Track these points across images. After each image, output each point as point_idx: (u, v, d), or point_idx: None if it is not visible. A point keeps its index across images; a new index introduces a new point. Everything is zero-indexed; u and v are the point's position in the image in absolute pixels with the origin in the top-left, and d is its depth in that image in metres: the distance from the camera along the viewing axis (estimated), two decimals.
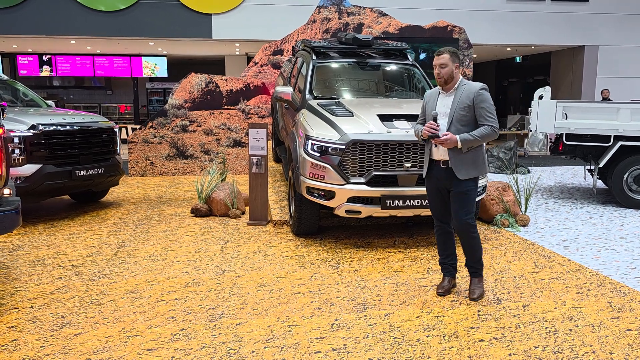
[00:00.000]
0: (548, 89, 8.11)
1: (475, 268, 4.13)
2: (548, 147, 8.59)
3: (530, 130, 8.21)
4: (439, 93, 4.07)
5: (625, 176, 7.63)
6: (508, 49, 17.35)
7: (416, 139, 5.02)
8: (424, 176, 4.15)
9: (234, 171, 10.47)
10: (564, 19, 15.35)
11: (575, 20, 15.43)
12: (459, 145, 3.84)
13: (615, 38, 15.74)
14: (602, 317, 3.75)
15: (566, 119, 7.80)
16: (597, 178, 8.13)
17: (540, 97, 8.01)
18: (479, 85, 3.97)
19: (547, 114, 7.85)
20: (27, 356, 3.15)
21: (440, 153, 3.98)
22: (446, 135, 3.84)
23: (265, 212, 6.44)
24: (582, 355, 3.20)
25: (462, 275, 4.53)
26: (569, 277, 4.59)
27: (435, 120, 3.91)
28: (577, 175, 10.99)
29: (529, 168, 11.63)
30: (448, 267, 4.24)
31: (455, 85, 3.98)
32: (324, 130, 5.29)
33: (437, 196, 4.12)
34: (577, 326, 3.59)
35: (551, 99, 8.02)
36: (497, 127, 3.91)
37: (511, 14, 15.04)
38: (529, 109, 8.25)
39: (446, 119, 3.94)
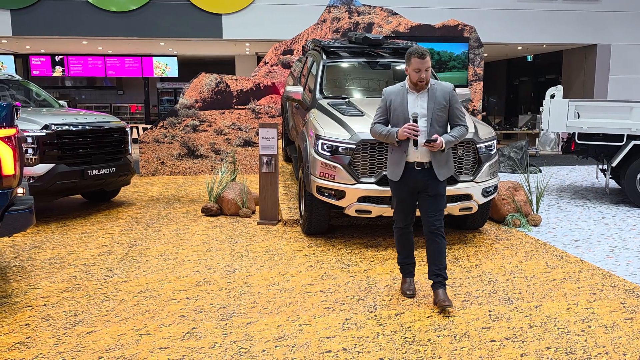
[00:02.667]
0: (560, 87, 8.05)
1: (443, 277, 3.90)
2: (560, 146, 8.53)
3: (542, 130, 8.15)
4: (407, 92, 3.89)
5: (639, 176, 7.55)
6: (519, 47, 17.23)
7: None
8: (395, 180, 3.92)
9: (244, 171, 10.50)
10: (576, 17, 15.21)
11: (587, 19, 15.28)
12: (444, 147, 3.79)
13: (628, 36, 15.57)
14: (615, 317, 3.71)
15: (578, 118, 7.74)
16: (610, 178, 8.05)
17: (552, 96, 7.95)
18: (450, 84, 3.96)
19: (559, 113, 7.79)
20: (41, 353, 3.18)
21: (417, 155, 3.84)
22: (437, 138, 3.74)
23: (275, 212, 6.45)
24: (595, 356, 3.17)
25: (466, 276, 4.52)
26: (582, 277, 4.55)
27: (415, 121, 3.78)
28: (590, 174, 10.89)
29: (541, 167, 11.55)
30: (409, 267, 4.18)
31: (428, 85, 3.88)
32: (335, 129, 5.29)
33: (408, 200, 3.98)
34: (590, 327, 3.57)
35: (563, 98, 7.96)
36: (468, 126, 4.01)
37: (522, 13, 14.93)
38: (541, 108, 8.20)
39: (424, 120, 3.83)
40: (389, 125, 3.96)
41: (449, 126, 3.95)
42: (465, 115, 3.98)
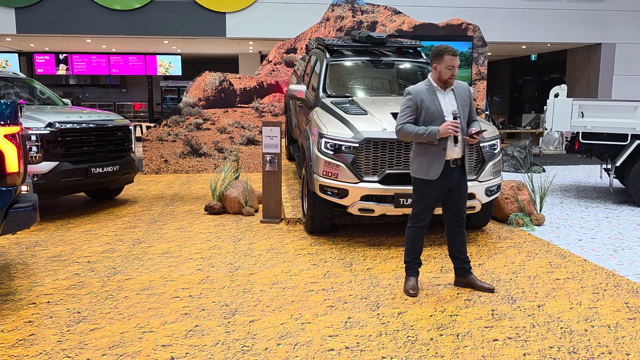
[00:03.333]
0: (564, 87, 8.03)
1: (468, 262, 4.21)
2: (564, 145, 8.51)
3: (546, 129, 8.13)
4: (435, 91, 3.96)
5: None
6: (523, 46, 17.18)
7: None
8: (433, 178, 3.92)
9: (247, 169, 10.51)
10: (581, 16, 15.16)
11: (591, 18, 15.23)
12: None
13: (632, 35, 15.51)
14: (619, 317, 3.70)
15: (582, 117, 7.72)
16: (614, 177, 8.02)
17: (556, 95, 7.93)
18: (466, 83, 4.12)
19: (562, 113, 7.77)
20: (44, 350, 3.19)
21: (455, 152, 3.95)
22: (479, 129, 3.94)
23: (278, 210, 6.45)
24: (598, 356, 3.16)
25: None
26: (585, 277, 4.54)
27: (456, 118, 3.88)
28: (593, 174, 10.86)
29: (544, 167, 11.52)
30: (416, 267, 4.20)
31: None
32: (338, 128, 5.29)
33: (437, 198, 4.04)
34: (593, 327, 3.56)
35: (567, 97, 7.94)
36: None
37: (526, 11, 14.89)
38: (545, 107, 8.17)
39: (458, 120, 3.94)
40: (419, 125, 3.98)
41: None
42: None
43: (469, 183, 5.10)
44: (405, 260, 4.22)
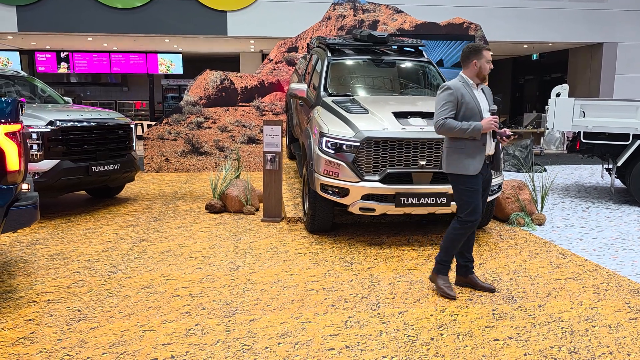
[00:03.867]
0: (565, 86, 8.01)
1: (472, 262, 4.27)
2: (565, 145, 8.49)
3: (547, 128, 8.12)
4: (472, 87, 3.98)
5: None
6: (525, 46, 17.16)
7: (431, 136, 5.02)
8: (474, 173, 3.93)
9: (248, 168, 10.50)
10: (582, 16, 15.13)
11: (593, 17, 15.20)
12: None
13: (634, 35, 15.48)
14: (620, 317, 3.70)
15: (584, 117, 7.71)
16: (615, 177, 8.01)
17: (558, 95, 7.92)
18: (487, 86, 4.16)
19: (564, 112, 7.76)
20: (45, 349, 3.19)
21: (489, 150, 4.00)
22: (512, 133, 3.98)
23: (279, 209, 6.45)
24: (599, 356, 3.16)
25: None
26: (586, 277, 4.54)
27: (494, 114, 3.94)
28: (595, 174, 10.85)
29: (546, 166, 11.51)
30: (449, 267, 4.15)
31: None
32: (339, 127, 5.28)
33: (480, 192, 4.04)
34: (594, 327, 3.55)
35: (568, 96, 7.92)
36: None
37: (528, 11, 14.86)
38: (546, 106, 8.16)
39: (489, 113, 3.99)
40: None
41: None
42: None
43: None
44: (443, 261, 4.11)
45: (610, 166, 8.03)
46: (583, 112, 7.72)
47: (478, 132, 3.86)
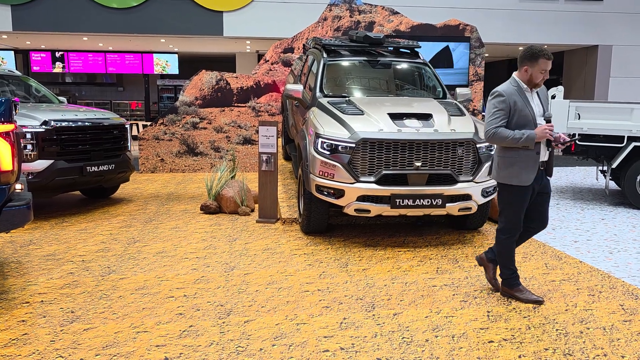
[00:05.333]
0: (561, 88, 8.04)
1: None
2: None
3: None
4: (525, 92, 3.82)
5: (639, 177, 7.54)
6: (520, 48, 17.17)
7: (427, 138, 5.02)
8: (527, 184, 3.79)
9: (243, 169, 10.48)
10: (578, 18, 15.19)
11: (588, 20, 15.27)
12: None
13: (629, 38, 15.56)
14: (614, 319, 3.70)
15: (579, 119, 7.73)
16: (610, 179, 8.04)
17: (553, 97, 7.94)
18: (543, 86, 3.96)
19: (559, 114, 7.78)
20: (37, 350, 3.17)
21: (544, 156, 3.86)
22: (570, 139, 3.83)
23: (274, 210, 6.44)
24: (593, 358, 3.16)
25: (464, 276, 4.50)
26: (580, 278, 4.54)
27: (549, 122, 3.77)
28: (590, 176, 10.88)
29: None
30: (518, 276, 4.06)
31: None
32: (334, 128, 5.27)
33: (527, 203, 3.91)
34: (588, 328, 3.56)
35: (564, 98, 7.94)
36: None
37: (524, 13, 14.92)
38: None
39: (543, 120, 3.84)
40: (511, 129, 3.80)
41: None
42: None
43: (465, 184, 5.14)
44: (507, 275, 4.02)
45: (605, 168, 8.06)
46: (578, 114, 7.75)
47: (532, 141, 3.70)
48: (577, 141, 7.78)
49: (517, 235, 3.97)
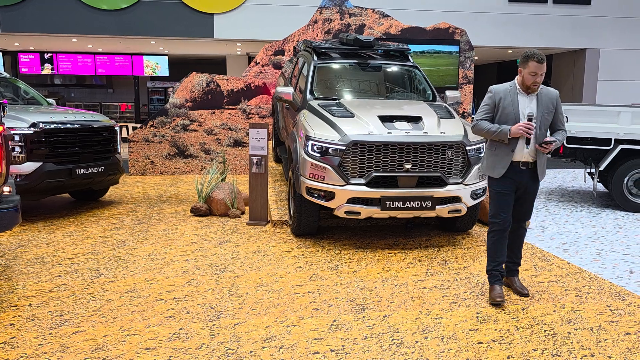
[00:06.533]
0: None
1: (518, 264, 4.30)
2: None
3: None
4: (517, 93, 3.97)
5: (626, 180, 7.63)
6: (509, 51, 17.35)
7: (417, 140, 5.05)
8: (496, 177, 4.01)
9: (234, 171, 10.47)
10: (566, 22, 15.34)
11: (577, 23, 15.42)
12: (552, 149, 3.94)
13: (617, 41, 15.74)
14: (601, 320, 3.74)
15: (567, 121, 7.79)
16: (598, 181, 8.12)
17: None
18: (555, 91, 4.06)
19: None
20: (25, 354, 3.15)
21: (523, 154, 3.95)
22: (554, 141, 3.89)
23: (265, 212, 6.43)
24: (581, 358, 3.19)
25: (454, 277, 4.52)
26: (568, 280, 4.58)
27: (530, 120, 3.88)
28: (578, 178, 10.99)
29: None
30: (498, 274, 4.11)
31: (538, 89, 3.99)
32: (325, 130, 5.28)
33: (509, 198, 4.04)
34: (576, 329, 3.59)
35: None
36: (566, 131, 4.13)
37: (513, 16, 15.04)
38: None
39: (534, 121, 3.92)
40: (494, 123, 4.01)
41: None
42: (564, 121, 4.14)
43: (454, 186, 5.17)
44: (487, 268, 4.13)
45: (593, 170, 8.14)
46: (566, 117, 7.81)
47: (505, 135, 3.89)
48: (565, 144, 7.84)
49: (500, 229, 4.06)
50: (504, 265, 4.22)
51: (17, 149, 6.07)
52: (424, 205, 5.09)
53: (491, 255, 4.12)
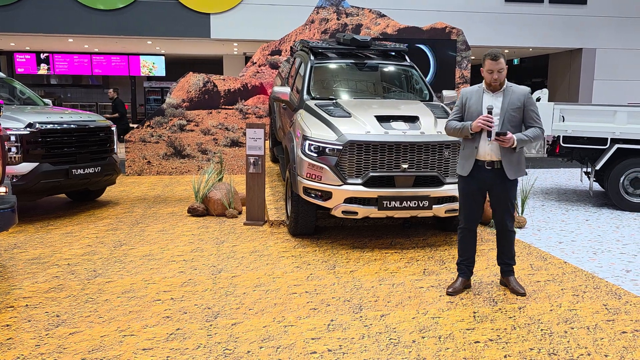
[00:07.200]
0: (545, 91, 8.13)
1: (511, 265, 4.25)
2: (545, 149, 8.61)
3: None
4: (483, 92, 4.05)
5: (622, 179, 7.65)
6: (506, 50, 17.37)
7: (414, 140, 5.06)
8: (464, 175, 4.09)
9: (231, 171, 10.46)
10: (562, 22, 15.39)
11: (573, 23, 15.47)
12: (515, 145, 3.90)
13: (612, 41, 15.79)
14: (598, 319, 3.75)
15: (563, 121, 7.82)
16: (594, 180, 8.14)
17: (538, 100, 8.02)
18: (526, 88, 4.09)
19: (544, 116, 7.82)
20: (22, 355, 3.14)
21: (487, 153, 3.99)
22: (508, 133, 3.87)
23: (262, 212, 6.43)
24: (578, 357, 3.20)
25: (451, 277, 4.54)
26: (565, 279, 4.60)
27: (490, 113, 3.91)
28: (574, 177, 11.01)
29: (526, 170, 11.63)
30: (465, 268, 4.25)
31: (504, 87, 4.03)
32: (322, 130, 5.29)
33: (475, 198, 4.12)
34: (573, 328, 3.60)
35: (548, 101, 8.03)
36: (543, 128, 4.07)
37: (509, 16, 15.07)
38: None
39: (497, 118, 3.96)
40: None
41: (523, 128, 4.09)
42: (539, 117, 4.08)
43: (451, 186, 5.17)
44: (457, 261, 4.34)
45: (589, 170, 8.16)
46: (562, 116, 7.84)
47: (467, 131, 3.98)
48: (561, 143, 7.86)
49: (464, 227, 4.19)
50: (499, 266, 4.32)
51: (14, 149, 6.05)
52: (421, 205, 5.10)
53: (459, 250, 4.29)
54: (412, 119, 5.36)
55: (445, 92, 6.51)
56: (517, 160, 4.04)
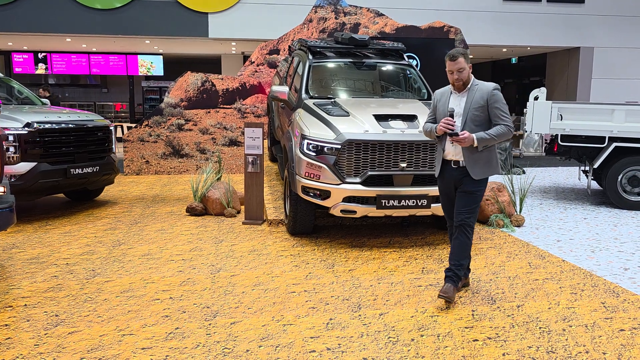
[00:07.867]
0: (543, 90, 8.13)
1: (454, 272, 3.95)
2: (543, 147, 8.63)
3: (526, 131, 8.24)
4: (451, 92, 4.06)
5: (620, 177, 7.66)
6: (504, 49, 17.40)
7: (412, 139, 5.07)
8: (436, 176, 4.18)
9: (229, 170, 10.46)
10: (560, 20, 15.40)
11: (571, 22, 15.48)
12: (475, 144, 3.84)
13: (610, 40, 15.81)
14: (596, 317, 3.76)
15: (561, 120, 7.83)
16: (592, 179, 8.16)
17: (536, 98, 8.03)
18: (492, 85, 3.98)
19: (542, 115, 7.88)
20: (21, 354, 3.14)
21: (453, 153, 3.98)
22: (464, 133, 3.83)
23: (260, 212, 6.43)
24: (576, 355, 3.21)
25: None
26: (563, 277, 4.61)
27: (451, 116, 3.90)
28: (572, 176, 11.03)
29: (524, 169, 11.67)
30: (449, 272, 4.05)
31: (469, 86, 3.98)
32: (320, 129, 5.29)
33: (448, 197, 4.18)
34: (571, 326, 3.61)
35: (546, 100, 8.05)
36: (512, 126, 3.96)
37: (507, 15, 15.08)
38: (525, 109, 8.27)
39: (460, 119, 3.94)
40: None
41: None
42: (506, 115, 3.94)
43: None
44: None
45: (587, 168, 8.17)
46: (560, 115, 7.85)
47: (432, 133, 4.09)
48: (559, 142, 7.87)
49: (450, 225, 4.21)
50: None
51: (12, 149, 6.04)
52: (420, 204, 5.10)
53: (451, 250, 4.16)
54: (410, 118, 5.37)
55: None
56: (486, 160, 3.94)
